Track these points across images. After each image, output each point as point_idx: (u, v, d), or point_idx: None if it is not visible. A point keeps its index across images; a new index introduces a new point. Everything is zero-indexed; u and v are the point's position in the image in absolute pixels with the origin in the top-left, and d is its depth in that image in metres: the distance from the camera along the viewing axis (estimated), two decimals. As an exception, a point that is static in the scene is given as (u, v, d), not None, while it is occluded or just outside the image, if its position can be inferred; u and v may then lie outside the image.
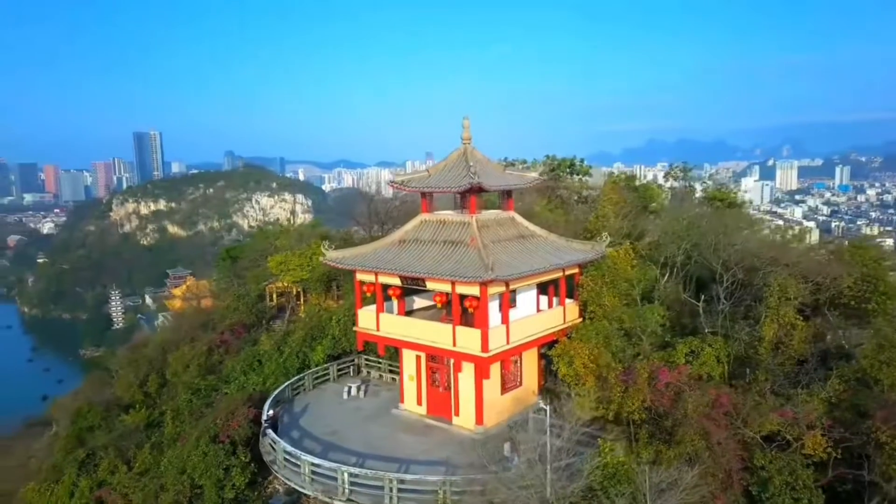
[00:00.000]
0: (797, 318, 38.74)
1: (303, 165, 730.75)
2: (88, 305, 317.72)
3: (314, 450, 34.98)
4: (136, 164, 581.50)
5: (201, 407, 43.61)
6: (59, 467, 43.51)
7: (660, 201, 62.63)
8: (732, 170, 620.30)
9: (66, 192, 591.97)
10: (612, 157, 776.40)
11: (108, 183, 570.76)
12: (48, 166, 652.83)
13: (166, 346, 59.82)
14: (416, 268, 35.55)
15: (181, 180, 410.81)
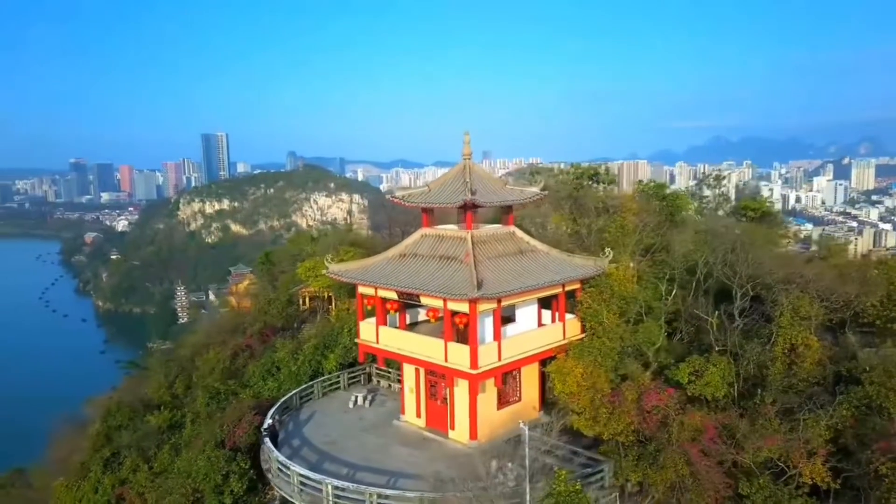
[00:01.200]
0: (810, 338, 37.42)
1: (361, 165, 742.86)
2: (156, 300, 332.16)
3: (310, 459, 36.06)
4: (204, 164, 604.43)
5: (217, 411, 45.32)
6: (86, 465, 46.09)
7: (688, 211, 60.94)
8: (804, 169, 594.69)
9: (140, 192, 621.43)
10: (675, 155, 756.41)
11: (178, 182, 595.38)
12: (123, 167, 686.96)
13: (198, 348, 62.41)
14: (411, 283, 36.07)
15: (243, 180, 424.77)
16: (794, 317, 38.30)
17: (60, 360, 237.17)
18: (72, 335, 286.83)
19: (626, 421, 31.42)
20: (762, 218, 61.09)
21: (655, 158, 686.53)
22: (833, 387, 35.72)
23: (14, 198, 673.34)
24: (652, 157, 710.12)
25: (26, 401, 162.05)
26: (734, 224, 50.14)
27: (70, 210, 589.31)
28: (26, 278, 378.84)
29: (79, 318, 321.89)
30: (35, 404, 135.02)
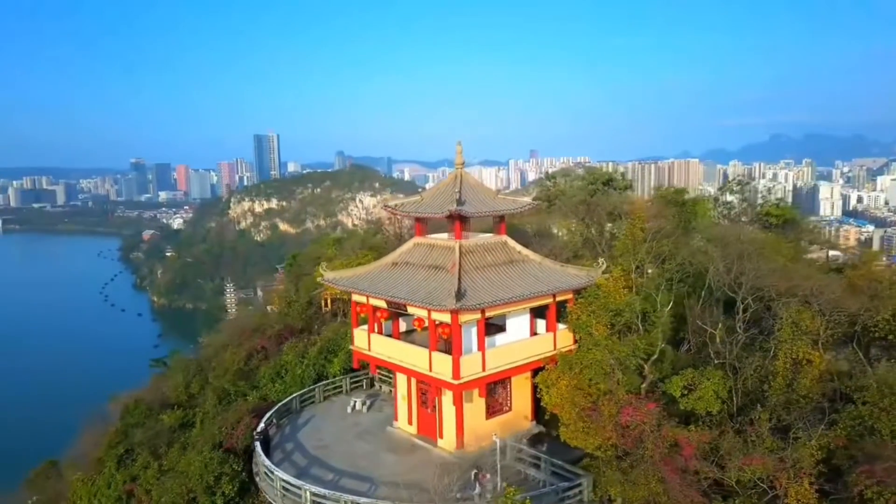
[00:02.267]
0: (813, 353, 36.27)
1: (409, 165, 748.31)
2: (207, 296, 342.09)
3: (300, 464, 36.90)
4: (256, 164, 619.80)
5: (224, 412, 46.65)
6: (102, 460, 48.22)
7: (707, 218, 59.43)
8: (867, 167, 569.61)
9: (195, 190, 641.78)
10: (728, 154, 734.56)
11: (231, 182, 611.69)
12: (180, 166, 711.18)
13: (218, 348, 64.27)
14: (398, 292, 36.45)
15: (291, 180, 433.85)
16: (795, 331, 37.21)
17: (115, 354, 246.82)
18: (128, 329, 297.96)
19: (604, 435, 31.07)
20: (785, 224, 59.22)
21: (708, 157, 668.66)
22: (834, 404, 34.63)
23: (79, 196, 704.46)
24: (704, 155, 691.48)
25: (76, 393, 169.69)
26: (749, 232, 48.66)
27: (130, 208, 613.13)
28: (88, 273, 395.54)
29: (135, 313, 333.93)
30: (85, 397, 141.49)
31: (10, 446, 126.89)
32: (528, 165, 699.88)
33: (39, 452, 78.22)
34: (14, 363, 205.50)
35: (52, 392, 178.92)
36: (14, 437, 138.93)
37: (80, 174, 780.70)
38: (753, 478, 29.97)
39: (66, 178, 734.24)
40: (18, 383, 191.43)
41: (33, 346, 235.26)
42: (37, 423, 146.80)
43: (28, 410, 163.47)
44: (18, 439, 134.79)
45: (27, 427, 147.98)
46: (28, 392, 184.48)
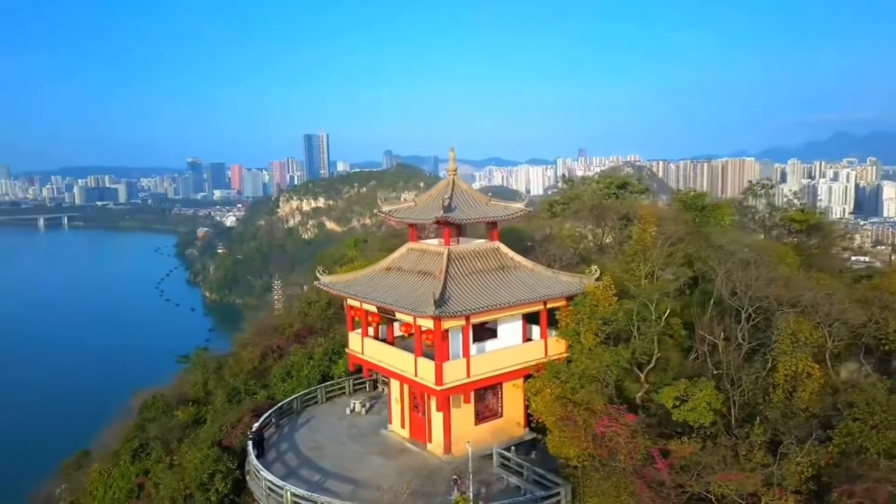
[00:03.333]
0: (813, 366, 35.13)
1: (455, 164, 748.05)
2: (256, 293, 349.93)
3: (290, 464, 37.75)
4: (306, 163, 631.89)
5: (231, 410, 48.06)
6: (118, 453, 50.37)
7: (726, 223, 57.84)
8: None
9: (248, 189, 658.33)
10: (787, 152, 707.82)
11: (282, 181, 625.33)
12: (234, 166, 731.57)
13: (240, 346, 66.06)
14: (387, 298, 36.87)
15: (338, 180, 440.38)
16: (794, 342, 36.10)
17: (167, 347, 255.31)
18: (181, 323, 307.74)
19: (580, 445, 30.77)
20: (810, 230, 57.23)
21: (765, 155, 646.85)
22: (831, 419, 33.47)
23: (139, 194, 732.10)
24: (761, 153, 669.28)
25: (127, 384, 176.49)
26: (756, 239, 47.20)
27: (186, 206, 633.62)
28: (146, 269, 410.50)
29: (188, 308, 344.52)
30: (134, 388, 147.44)
31: (62, 434, 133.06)
32: (576, 164, 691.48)
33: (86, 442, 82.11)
34: (72, 356, 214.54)
35: (105, 382, 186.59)
36: (67, 427, 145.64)
37: (141, 173, 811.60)
38: (734, 494, 29.29)
39: (128, 177, 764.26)
40: (75, 373, 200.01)
41: (91, 338, 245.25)
42: (89, 414, 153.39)
43: (81, 400, 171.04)
44: (70, 428, 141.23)
45: (81, 417, 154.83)
46: (84, 382, 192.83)
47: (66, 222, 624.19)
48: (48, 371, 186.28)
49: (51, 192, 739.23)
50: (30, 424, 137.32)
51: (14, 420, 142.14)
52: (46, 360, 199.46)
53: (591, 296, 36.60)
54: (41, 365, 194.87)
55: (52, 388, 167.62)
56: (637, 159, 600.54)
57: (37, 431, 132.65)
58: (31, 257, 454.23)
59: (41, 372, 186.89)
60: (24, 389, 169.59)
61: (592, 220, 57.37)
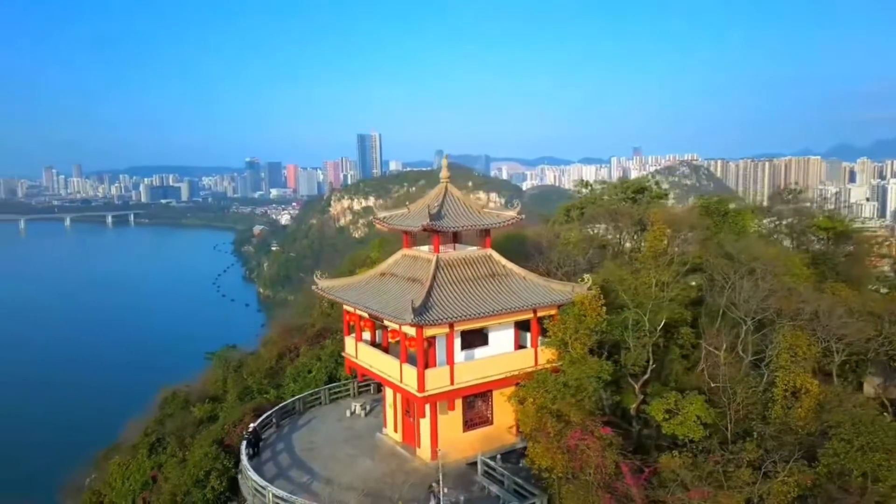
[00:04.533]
0: (812, 382, 33.96)
1: (507, 163, 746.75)
2: (307, 290, 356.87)
3: (283, 464, 38.70)
4: (359, 162, 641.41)
5: (242, 408, 49.49)
6: (136, 447, 52.51)
7: (746, 230, 55.94)
8: None
9: (303, 188, 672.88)
10: (856, 150, 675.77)
11: (336, 180, 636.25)
12: (290, 165, 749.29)
13: (261, 345, 67.81)
14: (376, 304, 37.33)
15: (388, 179, 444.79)
16: (792, 357, 34.92)
17: (220, 342, 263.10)
18: (236, 318, 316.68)
19: (552, 456, 30.49)
20: (838, 238, 54.79)
21: (832, 154, 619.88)
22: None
23: (200, 193, 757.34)
24: (828, 152, 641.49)
25: (174, 378, 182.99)
26: (763, 248, 45.50)
27: (244, 204, 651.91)
28: (204, 265, 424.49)
29: (243, 303, 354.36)
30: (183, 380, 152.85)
31: (111, 424, 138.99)
32: (630, 163, 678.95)
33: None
34: (131, 348, 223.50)
35: (158, 375, 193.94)
36: (116, 417, 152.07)
37: (203, 172, 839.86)
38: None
39: (190, 176, 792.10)
40: (131, 365, 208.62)
41: (149, 331, 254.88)
42: (138, 404, 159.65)
43: (133, 391, 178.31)
44: (119, 418, 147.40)
45: (130, 408, 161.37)
46: (139, 374, 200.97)
47: (133, 219, 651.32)
48: (105, 361, 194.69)
49: (119, 190, 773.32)
50: (82, 415, 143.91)
51: (68, 410, 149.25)
52: (105, 351, 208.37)
53: (579, 305, 36.17)
54: (99, 355, 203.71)
55: (108, 379, 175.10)
56: (695, 158, 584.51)
57: (88, 421, 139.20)
58: (100, 252, 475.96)
59: (98, 361, 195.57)
60: (81, 379, 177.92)
61: (610, 226, 56.44)
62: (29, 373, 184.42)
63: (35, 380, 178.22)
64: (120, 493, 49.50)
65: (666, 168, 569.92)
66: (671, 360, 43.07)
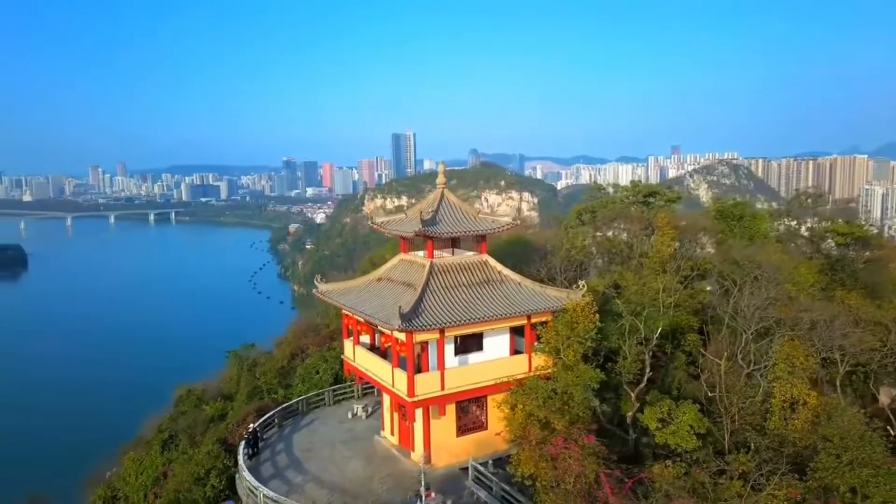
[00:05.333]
0: (810, 393, 33.24)
1: (541, 162, 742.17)
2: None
3: (280, 465, 39.41)
4: (393, 161, 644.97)
5: (246, 407, 50.51)
6: (150, 442, 54.07)
7: (762, 235, 54.78)
8: None
9: (338, 187, 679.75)
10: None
11: (370, 179, 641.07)
12: (326, 164, 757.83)
13: (279, 345, 68.97)
14: (368, 309, 37.72)
15: (420, 178, 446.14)
16: (790, 367, 34.20)
17: (253, 338, 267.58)
18: (270, 315, 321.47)
19: (531, 465, 30.39)
20: (856, 243, 53.26)
21: (881, 153, 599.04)
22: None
23: (239, 191, 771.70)
24: (878, 150, 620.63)
25: (205, 374, 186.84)
26: (769, 254, 44.52)
27: (280, 203, 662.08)
28: (241, 262, 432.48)
29: (278, 301, 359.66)
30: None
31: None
32: (669, 162, 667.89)
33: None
34: (165, 344, 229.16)
35: (189, 372, 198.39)
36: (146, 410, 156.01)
37: (241, 171, 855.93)
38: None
39: (230, 175, 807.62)
40: (164, 360, 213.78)
41: (184, 327, 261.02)
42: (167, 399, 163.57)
43: (163, 386, 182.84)
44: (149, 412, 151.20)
45: (160, 402, 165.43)
46: (172, 369, 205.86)
47: (174, 217, 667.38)
48: (139, 358, 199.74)
49: (161, 189, 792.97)
50: (114, 409, 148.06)
51: (101, 405, 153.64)
52: (140, 349, 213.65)
53: (571, 312, 35.97)
54: (134, 352, 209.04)
55: (141, 375, 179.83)
56: (734, 157, 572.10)
57: (119, 416, 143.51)
58: (142, 249, 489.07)
59: (132, 358, 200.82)
60: (116, 377, 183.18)
61: (622, 230, 55.84)
62: (62, 376, 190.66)
63: (69, 381, 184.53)
64: (133, 488, 50.94)
65: (704, 167, 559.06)
66: (675, 367, 42.61)
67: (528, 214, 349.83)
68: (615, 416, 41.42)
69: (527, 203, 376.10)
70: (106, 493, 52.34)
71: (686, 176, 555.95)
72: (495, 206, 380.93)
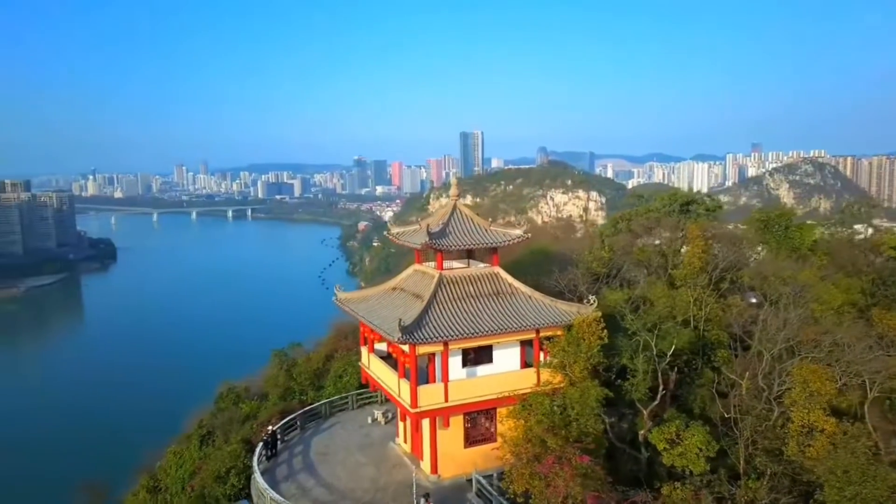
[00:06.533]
0: (827, 421, 31.70)
1: (612, 160, 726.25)
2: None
3: (295, 467, 40.64)
4: (461, 160, 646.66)
5: (275, 408, 52.24)
6: (190, 437, 56.69)
7: (808, 246, 52.15)
8: None
9: (407, 185, 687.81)
10: None
11: (438, 177, 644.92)
12: (395, 163, 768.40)
13: (318, 346, 70.79)
14: (376, 319, 38.34)
15: (486, 177, 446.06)
16: (807, 392, 32.65)
17: (314, 335, 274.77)
18: (335, 311, 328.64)
19: (523, 483, 30.22)
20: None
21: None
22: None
23: (311, 189, 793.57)
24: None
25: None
26: (798, 271, 42.29)
27: (351, 201, 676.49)
28: (312, 258, 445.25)
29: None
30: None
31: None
32: (748, 160, 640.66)
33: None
34: (233, 341, 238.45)
35: (247, 366, 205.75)
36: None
37: (314, 169, 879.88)
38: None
39: (303, 173, 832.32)
40: (228, 354, 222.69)
41: (250, 326, 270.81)
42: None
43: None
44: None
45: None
46: (235, 363, 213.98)
47: (250, 214, 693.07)
48: (209, 351, 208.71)
49: (240, 186, 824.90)
50: (175, 402, 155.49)
51: (165, 398, 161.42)
52: (209, 342, 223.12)
53: (577, 328, 35.46)
54: (204, 345, 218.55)
55: (208, 366, 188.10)
56: (821, 154, 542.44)
57: (179, 408, 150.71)
58: (220, 243, 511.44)
59: (202, 350, 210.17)
60: (183, 361, 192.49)
61: (659, 240, 54.35)
62: (138, 362, 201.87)
63: (145, 365, 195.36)
64: (173, 480, 53.58)
65: (786, 166, 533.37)
66: (700, 384, 41.28)
67: (595, 214, 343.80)
68: (630, 433, 40.54)
69: (594, 202, 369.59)
70: (149, 483, 55.23)
71: (766, 175, 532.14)
72: (561, 205, 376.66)
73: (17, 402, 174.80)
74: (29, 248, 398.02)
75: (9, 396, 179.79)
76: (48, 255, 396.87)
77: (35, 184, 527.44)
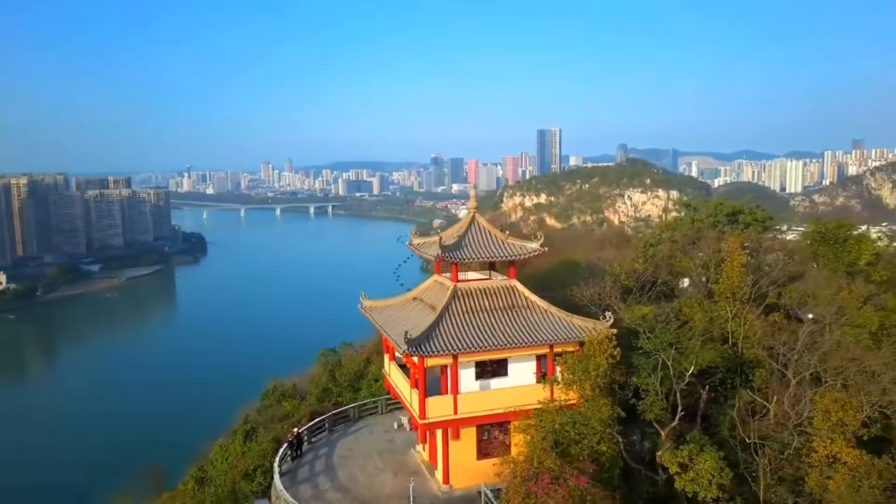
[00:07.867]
0: (851, 452, 30.06)
1: (697, 157, 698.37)
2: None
3: (316, 469, 41.89)
4: (538, 158, 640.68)
5: (311, 408, 53.90)
6: (235, 431, 59.34)
7: (865, 262, 48.82)
8: None
9: (483, 183, 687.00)
10: None
11: (515, 175, 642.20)
12: (471, 161, 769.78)
13: (360, 348, 72.48)
14: (391, 330, 38.95)
15: (561, 176, 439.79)
16: (831, 422, 30.93)
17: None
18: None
19: (523, 501, 29.98)
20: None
21: None
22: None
23: (389, 187, 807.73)
24: None
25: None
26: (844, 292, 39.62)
27: (427, 199, 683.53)
28: (388, 255, 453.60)
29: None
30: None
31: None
32: (848, 158, 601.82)
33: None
34: (306, 336, 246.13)
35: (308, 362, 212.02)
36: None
37: (393, 167, 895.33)
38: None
39: (382, 171, 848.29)
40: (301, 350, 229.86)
41: (323, 325, 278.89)
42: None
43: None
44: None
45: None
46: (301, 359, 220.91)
47: (330, 210, 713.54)
48: (286, 331, 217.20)
49: (322, 184, 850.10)
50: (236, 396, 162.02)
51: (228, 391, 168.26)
52: (285, 336, 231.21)
53: (588, 346, 34.82)
54: (278, 339, 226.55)
55: (274, 363, 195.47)
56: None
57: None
58: (302, 238, 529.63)
59: (281, 331, 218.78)
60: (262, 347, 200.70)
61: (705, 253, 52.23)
62: (222, 347, 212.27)
63: (228, 350, 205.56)
64: (218, 472, 56.30)
65: (890, 164, 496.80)
66: (731, 405, 39.64)
67: (675, 216, 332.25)
68: (650, 453, 39.41)
69: (674, 203, 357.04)
70: (197, 475, 58.23)
71: (867, 174, 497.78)
72: (639, 205, 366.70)
73: (115, 377, 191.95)
74: (129, 241, 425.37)
75: (108, 374, 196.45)
76: (146, 248, 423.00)
77: (135, 181, 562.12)
